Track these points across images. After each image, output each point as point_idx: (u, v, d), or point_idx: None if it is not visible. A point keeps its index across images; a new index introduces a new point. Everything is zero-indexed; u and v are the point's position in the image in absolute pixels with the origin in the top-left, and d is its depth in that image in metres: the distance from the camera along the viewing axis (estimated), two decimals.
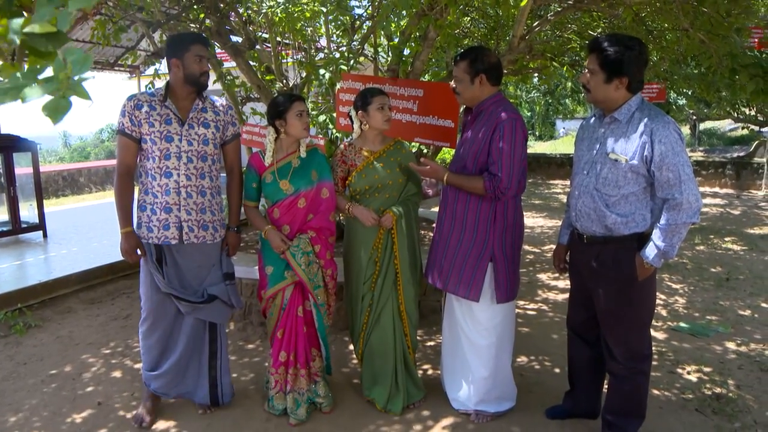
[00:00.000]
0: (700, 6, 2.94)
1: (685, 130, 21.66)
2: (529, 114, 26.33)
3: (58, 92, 0.82)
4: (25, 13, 0.95)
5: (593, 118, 2.37)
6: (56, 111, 0.83)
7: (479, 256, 2.55)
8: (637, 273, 2.18)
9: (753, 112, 13.08)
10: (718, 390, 3.02)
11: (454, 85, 2.61)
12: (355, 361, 3.33)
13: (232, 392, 2.89)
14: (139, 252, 2.60)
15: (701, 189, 12.05)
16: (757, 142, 12.08)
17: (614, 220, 2.18)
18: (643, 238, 2.18)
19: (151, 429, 2.70)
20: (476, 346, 2.66)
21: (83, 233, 6.91)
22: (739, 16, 3.02)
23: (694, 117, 18.93)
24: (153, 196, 2.56)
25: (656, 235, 2.10)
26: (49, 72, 0.87)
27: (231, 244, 2.81)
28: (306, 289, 2.67)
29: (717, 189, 11.99)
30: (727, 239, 6.84)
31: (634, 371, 2.31)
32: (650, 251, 2.12)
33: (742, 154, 12.61)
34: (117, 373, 3.32)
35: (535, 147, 22.18)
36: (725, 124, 21.60)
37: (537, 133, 27.31)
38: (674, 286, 4.98)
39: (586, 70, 2.21)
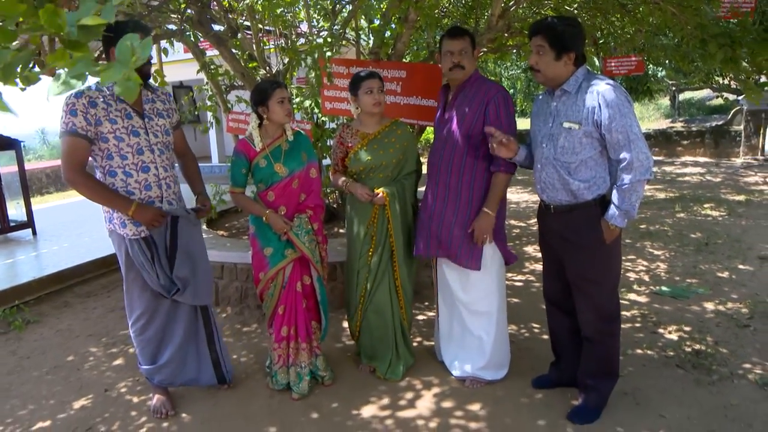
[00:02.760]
0: None
1: (665, 101, 21.91)
2: (511, 91, 26.43)
3: (126, 74, 0.96)
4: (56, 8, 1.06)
5: (545, 94, 2.49)
6: (130, 91, 0.97)
7: (472, 229, 2.67)
8: (604, 237, 2.31)
9: (727, 81, 13.28)
10: (697, 347, 3.18)
11: (457, 60, 2.61)
12: (349, 337, 3.44)
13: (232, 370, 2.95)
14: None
15: (682, 159, 12.30)
16: (734, 110, 12.30)
17: (577, 186, 2.30)
18: (606, 202, 2.31)
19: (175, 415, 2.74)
20: (478, 314, 2.79)
21: (72, 229, 6.91)
22: None
23: (674, 88, 19.15)
24: (128, 193, 2.49)
25: (615, 197, 2.24)
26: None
27: (205, 204, 2.77)
28: (306, 264, 2.79)
29: (697, 158, 12.23)
30: (706, 206, 7.04)
31: (604, 333, 2.45)
32: (613, 213, 2.25)
33: (720, 122, 12.84)
34: (119, 361, 3.41)
35: (518, 123, 22.28)
36: (704, 94, 21.87)
37: (519, 108, 27.43)
38: (656, 252, 5.15)
39: (535, 53, 2.31)
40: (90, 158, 2.47)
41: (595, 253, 2.35)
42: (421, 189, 2.91)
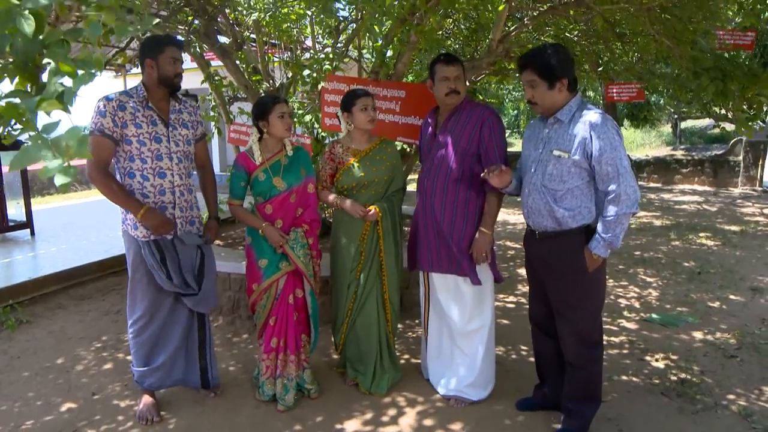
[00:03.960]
0: (664, 14, 3.10)
1: (667, 128, 22.05)
2: (515, 112, 26.62)
3: (67, 170, 1.20)
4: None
5: (537, 120, 2.55)
6: (66, 186, 1.23)
7: (470, 246, 2.73)
8: (587, 265, 2.34)
9: (724, 112, 13.37)
10: (683, 375, 3.20)
11: (454, 86, 2.68)
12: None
13: (218, 378, 3.01)
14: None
15: (680, 187, 12.36)
16: (734, 140, 12.39)
17: (562, 214, 2.34)
18: (591, 231, 2.34)
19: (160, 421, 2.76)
20: (470, 331, 2.82)
21: (71, 231, 6.96)
22: (700, 22, 3.19)
23: (676, 116, 19.29)
24: (143, 196, 2.60)
25: (600, 228, 2.28)
26: (61, 128, 1.24)
27: (213, 231, 2.90)
28: (299, 277, 2.83)
29: (696, 186, 12.29)
30: (701, 235, 7.07)
31: (587, 358, 2.47)
32: (596, 243, 2.29)
33: (720, 152, 12.93)
34: (109, 365, 3.43)
35: (520, 144, 22.44)
36: (706, 123, 22.01)
37: (522, 130, 27.58)
38: (648, 279, 5.18)
39: (528, 87, 2.37)
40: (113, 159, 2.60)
41: (577, 279, 2.38)
42: (408, 207, 2.97)
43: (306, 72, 3.74)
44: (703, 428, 2.66)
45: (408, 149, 4.53)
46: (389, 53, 4.11)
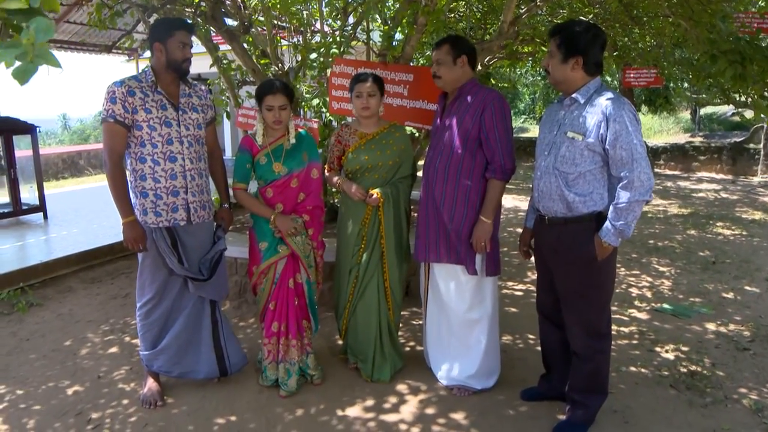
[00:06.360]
0: None
1: (686, 114, 21.60)
2: (531, 98, 26.26)
3: (26, 57, 0.95)
4: None
5: (556, 103, 2.48)
6: (24, 74, 0.96)
7: (470, 234, 2.67)
8: (596, 253, 2.27)
9: (744, 98, 13.01)
10: (693, 368, 3.13)
11: (434, 70, 2.67)
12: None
13: (242, 357, 2.96)
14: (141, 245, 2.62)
15: (698, 174, 12.13)
16: (754, 127, 12.09)
17: (573, 199, 2.28)
18: (602, 218, 2.27)
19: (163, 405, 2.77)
20: (470, 321, 2.78)
21: (83, 215, 7.02)
22: (719, 3, 3.07)
23: (695, 102, 18.85)
24: (155, 181, 2.59)
25: (612, 215, 2.20)
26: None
27: (227, 219, 2.92)
28: (297, 262, 2.81)
29: (714, 174, 12.04)
30: (719, 224, 6.93)
31: (593, 350, 2.41)
32: (607, 230, 2.21)
33: (739, 139, 12.63)
34: (115, 349, 3.45)
35: (536, 130, 22.15)
36: (726, 109, 21.51)
37: (538, 116, 27.23)
38: (661, 269, 5.09)
39: (548, 54, 2.33)
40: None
41: (586, 268, 2.32)
42: (416, 192, 2.91)
43: (313, 56, 3.69)
44: (711, 422, 2.60)
45: (417, 134, 4.47)
46: (399, 36, 4.03)
